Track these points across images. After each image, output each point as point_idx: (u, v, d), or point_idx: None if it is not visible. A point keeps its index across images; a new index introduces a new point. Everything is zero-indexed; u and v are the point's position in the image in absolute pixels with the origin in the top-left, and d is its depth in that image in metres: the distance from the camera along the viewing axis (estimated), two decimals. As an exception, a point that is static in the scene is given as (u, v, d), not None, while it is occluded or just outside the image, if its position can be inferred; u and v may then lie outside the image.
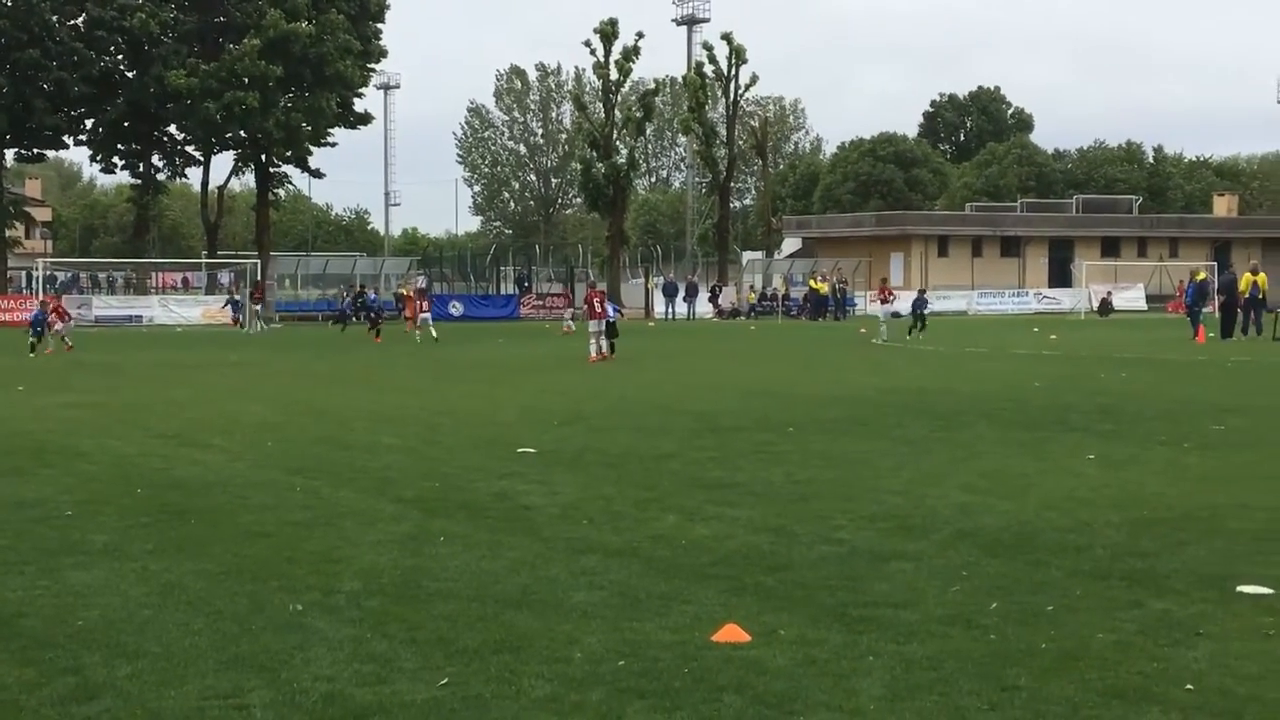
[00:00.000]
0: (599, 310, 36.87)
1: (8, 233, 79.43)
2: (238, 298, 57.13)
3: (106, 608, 9.29)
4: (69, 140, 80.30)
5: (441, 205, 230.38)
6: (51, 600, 9.51)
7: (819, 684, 7.71)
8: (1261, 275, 47.09)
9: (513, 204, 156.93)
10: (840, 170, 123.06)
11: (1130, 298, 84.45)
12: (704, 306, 79.75)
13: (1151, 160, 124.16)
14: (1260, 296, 46.82)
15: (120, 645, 8.36)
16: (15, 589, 9.82)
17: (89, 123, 79.03)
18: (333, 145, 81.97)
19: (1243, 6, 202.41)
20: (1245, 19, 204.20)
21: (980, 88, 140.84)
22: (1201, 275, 52.30)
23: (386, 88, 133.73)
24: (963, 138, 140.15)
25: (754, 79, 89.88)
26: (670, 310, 77.21)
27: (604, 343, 36.89)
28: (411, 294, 54.16)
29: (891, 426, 20.41)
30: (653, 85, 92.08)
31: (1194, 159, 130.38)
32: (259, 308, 52.92)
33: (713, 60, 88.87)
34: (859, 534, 11.93)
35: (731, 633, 8.57)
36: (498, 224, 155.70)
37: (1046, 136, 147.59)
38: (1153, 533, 11.88)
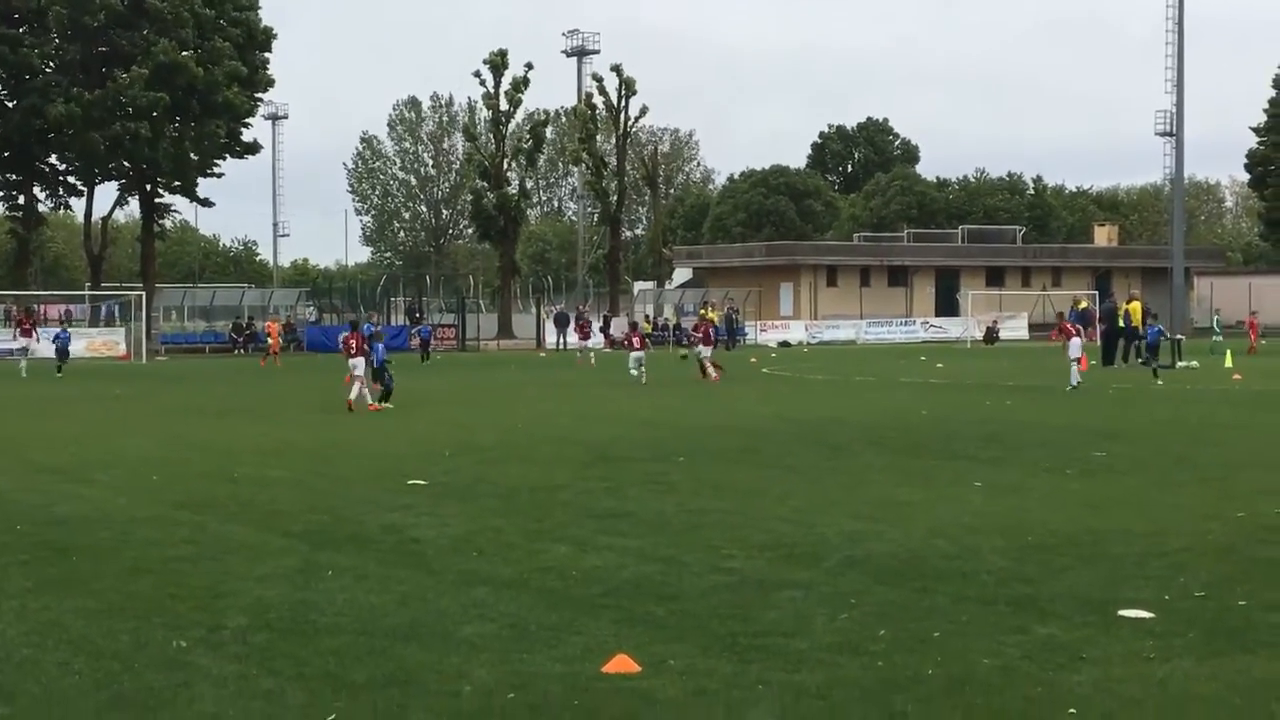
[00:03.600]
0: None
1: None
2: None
3: (-16, 648, 9.09)
4: (-54, 171, 78.73)
5: (331, 236, 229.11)
6: (-76, 641, 9.30)
7: (709, 714, 7.73)
8: (1135, 304, 47.84)
9: (403, 235, 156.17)
10: (731, 201, 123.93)
11: (1015, 326, 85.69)
12: (596, 337, 79.75)
13: (1032, 191, 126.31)
14: (1134, 325, 47.40)
15: (-2, 686, 8.19)
16: (-112, 629, 9.59)
17: (-34, 154, 77.53)
18: (220, 176, 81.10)
19: (1119, 43, 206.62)
20: (1122, 54, 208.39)
21: (869, 119, 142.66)
22: (1084, 304, 53.21)
23: (275, 118, 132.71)
24: (850, 169, 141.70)
25: (644, 110, 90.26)
26: (561, 341, 77.13)
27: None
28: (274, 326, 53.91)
29: (782, 455, 20.54)
30: (543, 116, 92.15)
31: (1074, 190, 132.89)
32: (29, 343, 51.95)
33: (603, 91, 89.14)
34: (749, 563, 11.99)
35: (622, 663, 8.57)
36: (388, 255, 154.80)
37: (931, 167, 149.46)
38: (1037, 558, 12.05)
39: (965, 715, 7.69)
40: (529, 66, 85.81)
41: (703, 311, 78.94)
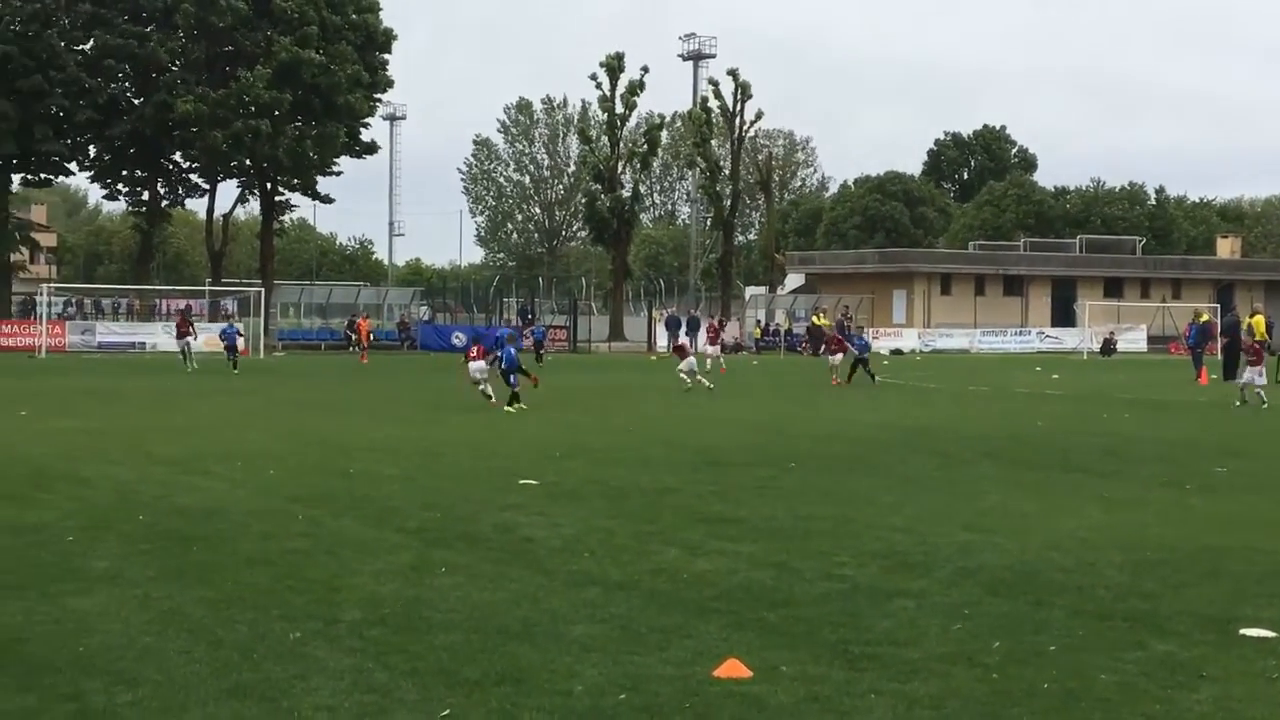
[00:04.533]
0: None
1: (12, 258, 79.53)
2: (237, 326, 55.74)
3: (107, 634, 9.27)
4: (74, 166, 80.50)
5: (445, 236, 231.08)
6: (52, 626, 9.49)
7: (821, 721, 7.69)
8: (1259, 318, 46.93)
9: (516, 236, 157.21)
10: (846, 205, 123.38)
11: (1133, 339, 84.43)
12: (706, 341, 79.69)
13: (1153, 201, 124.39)
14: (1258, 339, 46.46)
15: (121, 672, 8.34)
16: (16, 614, 9.81)
17: (94, 149, 79.20)
18: (338, 175, 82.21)
19: (1248, 50, 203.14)
20: (1249, 60, 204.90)
21: (985, 126, 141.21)
22: (1204, 317, 52.28)
23: (393, 118, 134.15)
24: (966, 176, 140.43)
25: (759, 114, 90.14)
26: (672, 345, 77.20)
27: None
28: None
29: (894, 463, 20.40)
30: (658, 120, 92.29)
31: (1197, 201, 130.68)
32: (190, 340, 51.22)
33: (718, 96, 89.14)
34: (861, 571, 11.91)
35: (733, 668, 8.56)
36: (501, 256, 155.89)
37: (1049, 175, 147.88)
38: (1156, 574, 11.85)
39: (1081, 731, 7.59)
40: (645, 70, 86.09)
41: (815, 318, 78.87)
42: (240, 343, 51.40)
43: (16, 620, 9.63)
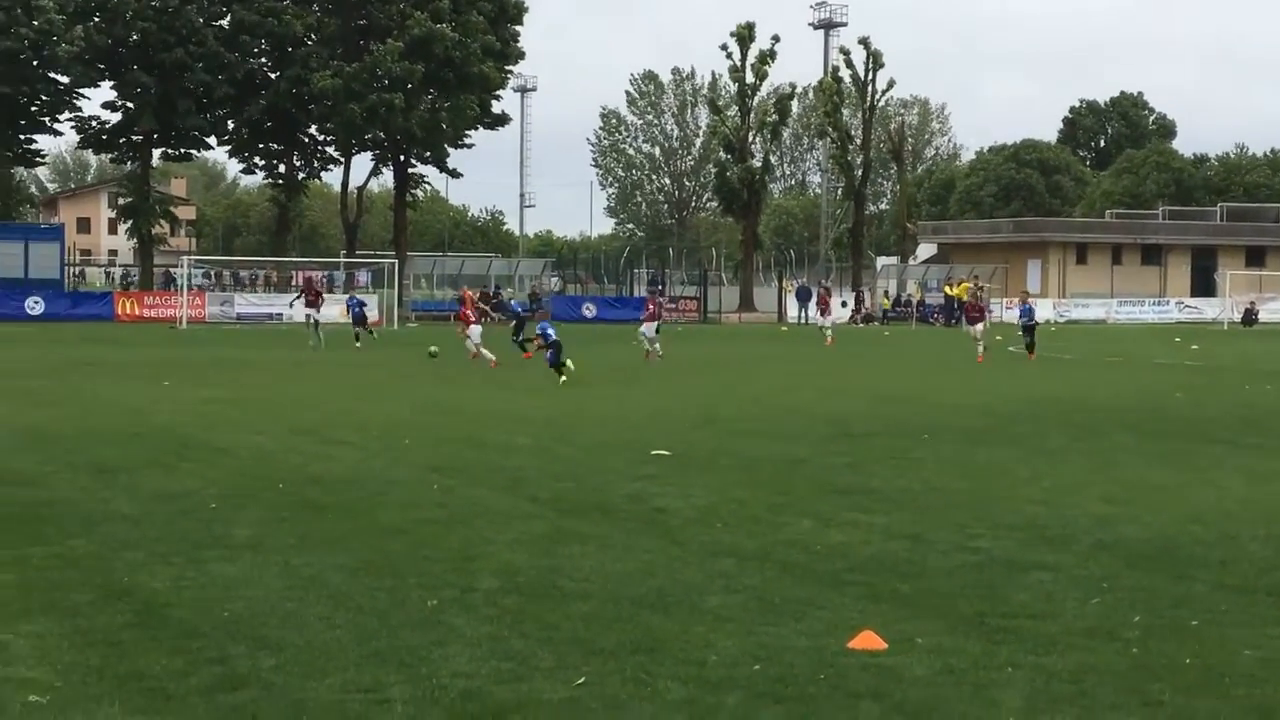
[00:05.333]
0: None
1: (154, 230, 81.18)
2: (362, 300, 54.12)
3: (251, 600, 9.46)
4: (213, 140, 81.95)
5: (575, 207, 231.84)
6: (198, 592, 9.71)
7: (957, 694, 7.64)
8: None
9: (646, 207, 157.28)
10: (981, 174, 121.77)
11: (1276, 309, 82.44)
12: (837, 311, 79.33)
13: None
14: None
15: (264, 637, 8.51)
16: (164, 580, 10.04)
17: (232, 123, 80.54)
18: (470, 146, 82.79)
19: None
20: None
21: (1122, 93, 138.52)
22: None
23: (524, 90, 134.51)
24: (1102, 144, 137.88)
25: (891, 83, 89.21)
26: (803, 315, 76.88)
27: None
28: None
29: (1029, 435, 20.15)
30: (788, 89, 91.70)
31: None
32: (315, 313, 47.31)
33: (849, 65, 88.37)
34: (997, 543, 11.79)
35: (867, 640, 8.52)
36: (631, 227, 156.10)
37: (1188, 142, 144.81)
38: (1301, 549, 11.59)
39: (1226, 706, 7.45)
40: (775, 39, 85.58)
41: (946, 288, 78.04)
42: (368, 313, 50.94)
43: (165, 585, 9.87)
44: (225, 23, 76.42)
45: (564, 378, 29.00)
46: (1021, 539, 12.01)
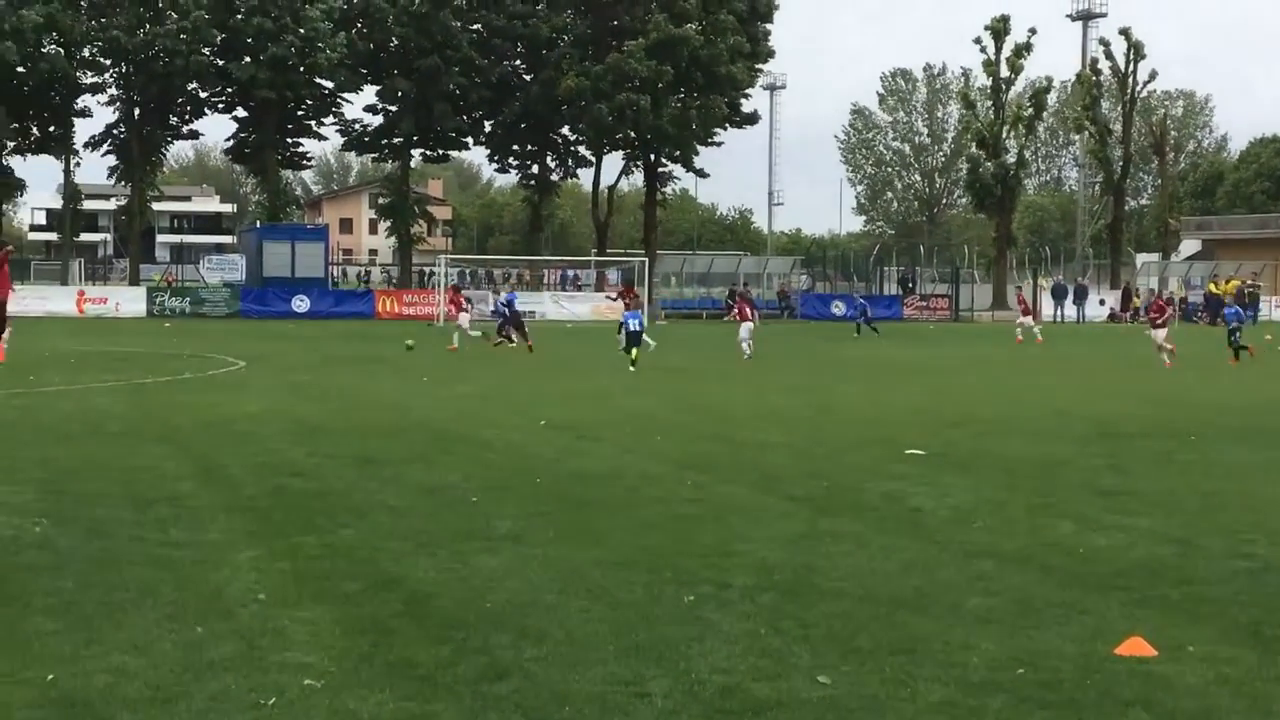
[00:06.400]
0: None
1: (412, 230, 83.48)
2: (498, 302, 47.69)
3: (512, 592, 9.63)
4: (469, 142, 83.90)
5: (824, 205, 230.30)
6: (461, 583, 9.92)
7: (1233, 704, 7.36)
8: None
9: (896, 204, 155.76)
10: (1252, 166, 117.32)
11: None
12: (1094, 309, 77.39)
13: None
14: None
15: (526, 628, 8.65)
16: (429, 570, 10.29)
17: (488, 125, 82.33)
18: (719, 145, 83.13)
19: None
20: None
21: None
22: None
23: (773, 88, 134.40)
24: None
25: (1153, 74, 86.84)
26: (1059, 313, 75.26)
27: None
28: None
29: (1302, 438, 19.35)
30: (1044, 82, 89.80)
31: None
32: (465, 316, 43.80)
33: (1109, 56, 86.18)
34: (1274, 550, 11.34)
35: (1136, 646, 8.27)
36: (880, 224, 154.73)
37: None
38: None
39: None
40: (1032, 32, 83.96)
41: (1211, 285, 75.50)
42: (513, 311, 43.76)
43: (429, 576, 10.10)
44: (478, 28, 78.17)
45: (632, 368, 31.74)
46: (1298, 546, 11.53)
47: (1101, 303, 77.96)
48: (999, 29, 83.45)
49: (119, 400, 23.39)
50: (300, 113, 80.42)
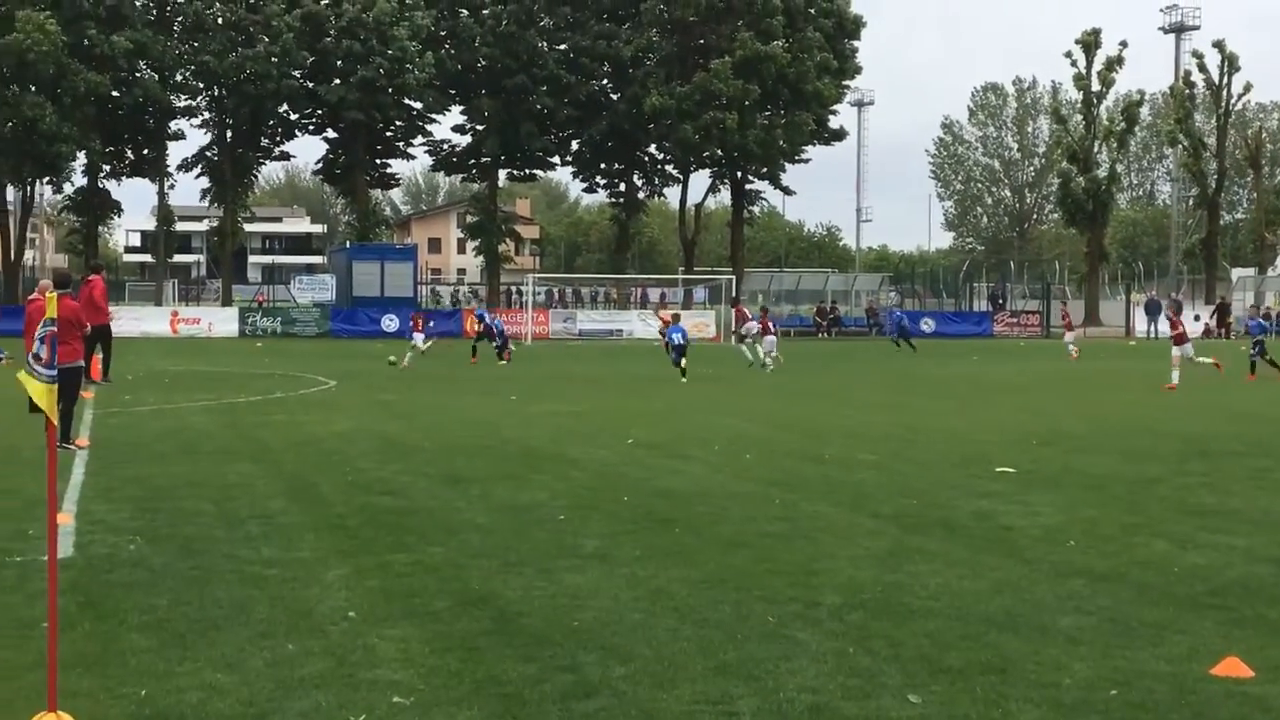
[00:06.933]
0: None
1: (499, 249, 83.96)
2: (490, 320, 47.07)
3: (600, 610, 9.64)
4: (555, 161, 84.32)
5: (912, 221, 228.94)
6: (548, 600, 9.94)
7: (1334, 728, 7.22)
8: None
9: (985, 220, 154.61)
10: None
11: None
12: (1189, 325, 76.25)
13: None
14: None
15: (614, 646, 8.65)
16: (516, 588, 10.32)
17: (574, 144, 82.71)
18: (806, 162, 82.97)
19: None
20: None
21: None
22: None
23: (860, 104, 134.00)
24: None
25: (1248, 87, 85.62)
26: (1153, 329, 74.29)
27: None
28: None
29: (1404, 455, 18.96)
30: (1136, 96, 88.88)
31: None
32: (420, 338, 43.20)
33: (1203, 69, 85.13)
34: (1374, 570, 11.12)
35: (1232, 666, 8.14)
36: (970, 240, 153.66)
37: None
38: None
39: None
40: (1123, 45, 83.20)
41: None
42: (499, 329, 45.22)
43: (517, 594, 10.14)
44: (564, 47, 78.61)
45: (684, 378, 33.81)
46: (1400, 565, 11.30)
47: (1196, 318, 76.83)
48: (1090, 42, 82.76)
49: (212, 419, 23.69)
50: (389, 134, 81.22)
